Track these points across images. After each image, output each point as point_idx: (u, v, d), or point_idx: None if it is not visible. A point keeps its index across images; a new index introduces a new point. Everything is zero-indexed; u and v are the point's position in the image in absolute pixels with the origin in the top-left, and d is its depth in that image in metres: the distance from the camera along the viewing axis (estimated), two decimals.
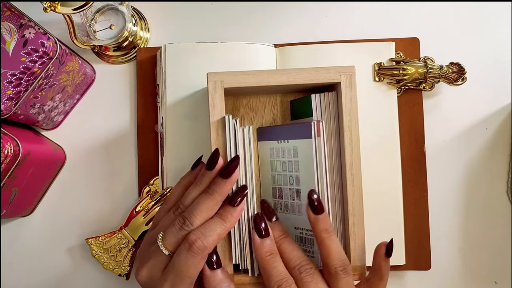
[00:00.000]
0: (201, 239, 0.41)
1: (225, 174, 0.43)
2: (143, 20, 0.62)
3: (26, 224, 0.60)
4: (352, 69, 0.47)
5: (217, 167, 0.44)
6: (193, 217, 0.42)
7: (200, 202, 0.43)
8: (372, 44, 0.59)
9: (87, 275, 0.60)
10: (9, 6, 0.49)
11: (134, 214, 0.57)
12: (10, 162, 0.48)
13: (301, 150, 0.47)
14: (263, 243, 0.44)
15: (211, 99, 0.46)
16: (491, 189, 0.60)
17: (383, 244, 0.46)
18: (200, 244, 0.41)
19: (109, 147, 0.61)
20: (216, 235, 0.42)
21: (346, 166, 0.47)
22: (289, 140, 0.49)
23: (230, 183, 0.43)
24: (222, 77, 0.46)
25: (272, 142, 0.51)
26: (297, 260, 0.44)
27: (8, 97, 0.48)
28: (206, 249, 0.41)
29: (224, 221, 0.43)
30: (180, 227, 0.42)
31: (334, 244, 0.44)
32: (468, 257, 0.60)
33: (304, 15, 0.62)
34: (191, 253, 0.41)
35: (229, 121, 0.45)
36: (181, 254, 0.41)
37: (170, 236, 0.42)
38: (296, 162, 0.48)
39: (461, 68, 0.57)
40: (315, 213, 0.44)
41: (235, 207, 0.43)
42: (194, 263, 0.41)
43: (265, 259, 0.44)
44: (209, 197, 0.43)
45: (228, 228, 0.43)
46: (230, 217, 0.43)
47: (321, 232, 0.44)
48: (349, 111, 0.47)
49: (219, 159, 0.44)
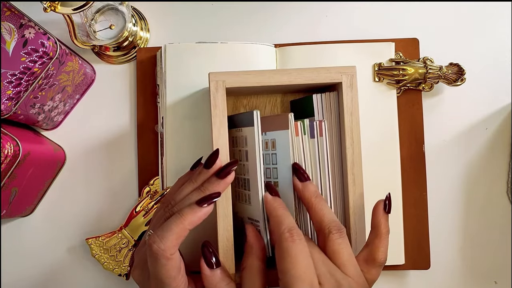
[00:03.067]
0: (157, 242, 0.39)
1: (221, 175, 0.43)
2: (143, 20, 0.62)
3: (26, 224, 0.60)
4: (353, 69, 0.47)
5: (214, 167, 0.44)
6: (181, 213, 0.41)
7: (192, 198, 0.42)
8: (372, 44, 0.59)
9: (87, 275, 0.60)
10: (9, 6, 0.49)
11: (134, 214, 0.57)
12: (10, 162, 0.48)
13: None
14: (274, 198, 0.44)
15: (213, 98, 0.46)
16: (491, 189, 0.60)
17: (381, 201, 0.45)
18: (156, 248, 0.39)
19: (109, 147, 0.61)
20: (174, 235, 0.39)
21: (348, 166, 0.47)
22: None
23: (224, 184, 0.43)
24: (224, 77, 0.46)
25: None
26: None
27: (8, 97, 0.48)
28: (166, 251, 0.39)
29: (183, 219, 0.40)
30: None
31: (326, 208, 0.43)
32: (468, 257, 0.60)
33: (304, 15, 0.62)
34: (154, 258, 0.39)
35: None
36: (149, 259, 0.40)
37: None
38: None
39: (461, 69, 0.58)
40: (301, 181, 0.45)
41: (200, 208, 0.41)
42: (160, 265, 0.39)
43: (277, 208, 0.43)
44: (201, 195, 0.42)
45: (186, 226, 0.40)
46: (191, 216, 0.40)
47: (310, 197, 0.44)
48: (350, 111, 0.47)
49: (217, 159, 0.44)
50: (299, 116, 0.52)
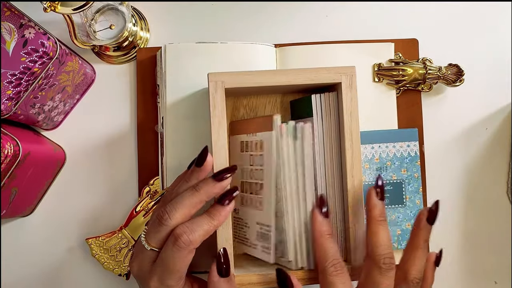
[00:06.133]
0: (187, 233, 0.41)
1: (218, 178, 0.43)
2: (143, 20, 0.62)
3: (26, 224, 0.60)
4: (352, 70, 0.47)
5: (206, 165, 0.44)
6: (174, 211, 0.42)
7: (184, 197, 0.43)
8: (371, 44, 0.59)
9: (87, 275, 0.60)
10: (9, 6, 0.49)
11: (134, 214, 0.57)
12: (10, 162, 0.48)
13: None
14: (323, 222, 0.45)
15: (212, 99, 0.46)
16: (491, 189, 0.60)
17: (434, 254, 0.47)
18: (186, 239, 0.41)
19: (109, 147, 0.61)
20: (202, 231, 0.42)
21: (347, 167, 0.47)
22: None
23: (220, 187, 0.43)
24: (223, 78, 0.46)
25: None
26: (386, 250, 0.43)
27: (8, 97, 0.48)
28: (192, 244, 0.41)
29: (212, 219, 0.43)
30: (159, 222, 0.42)
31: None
32: (468, 257, 0.60)
33: (304, 15, 0.62)
34: (177, 247, 0.41)
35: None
36: (167, 248, 0.41)
37: (151, 231, 0.43)
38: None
39: (460, 69, 0.58)
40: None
41: (224, 207, 0.43)
42: (180, 257, 0.41)
43: (324, 237, 0.44)
44: (194, 194, 0.43)
45: (216, 226, 0.43)
46: (219, 216, 0.43)
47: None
48: (349, 112, 0.47)
49: (208, 156, 0.44)
50: (299, 116, 0.52)
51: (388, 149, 0.56)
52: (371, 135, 0.56)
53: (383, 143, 0.56)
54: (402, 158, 0.56)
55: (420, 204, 0.56)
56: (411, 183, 0.56)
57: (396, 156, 0.56)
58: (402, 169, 0.56)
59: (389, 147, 0.56)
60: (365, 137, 0.56)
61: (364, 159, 0.56)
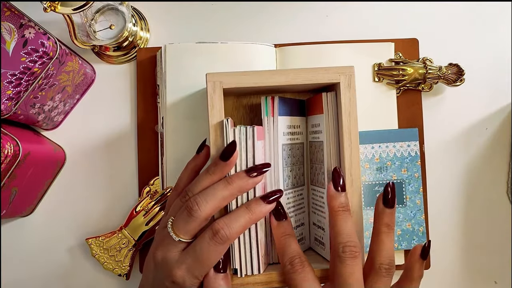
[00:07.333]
0: (225, 229, 0.41)
1: (254, 174, 0.43)
2: (143, 20, 0.62)
3: (26, 224, 0.60)
4: (351, 70, 0.47)
5: (232, 160, 0.43)
6: (205, 203, 0.41)
7: (217, 189, 0.42)
8: (371, 44, 0.59)
9: (87, 275, 0.60)
10: (9, 6, 0.49)
11: (134, 214, 0.57)
12: (10, 162, 0.48)
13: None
14: (279, 224, 0.45)
15: (210, 99, 0.46)
16: (491, 189, 0.60)
17: (419, 246, 0.45)
18: (223, 234, 0.41)
19: (109, 147, 0.61)
20: (240, 226, 0.42)
21: (345, 167, 0.46)
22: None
23: (253, 183, 0.43)
24: (221, 78, 0.46)
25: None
26: (346, 237, 0.42)
27: (8, 97, 0.48)
28: (229, 239, 0.41)
29: (251, 213, 0.42)
30: (189, 213, 0.41)
31: (389, 242, 0.43)
32: (468, 257, 0.60)
33: (304, 15, 0.62)
34: (214, 242, 0.41)
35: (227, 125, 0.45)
36: (204, 241, 0.41)
37: (179, 223, 0.42)
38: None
39: (460, 69, 0.58)
40: (385, 205, 0.44)
41: (266, 204, 0.43)
42: (216, 251, 0.41)
43: (283, 237, 0.44)
44: (227, 187, 0.42)
45: (254, 220, 0.43)
46: (259, 211, 0.43)
47: (382, 225, 0.44)
48: (348, 112, 0.47)
49: (235, 151, 0.43)
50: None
51: (388, 149, 0.56)
52: (371, 135, 0.56)
53: (383, 143, 0.56)
54: (402, 158, 0.56)
55: (421, 204, 0.56)
56: (411, 183, 0.56)
57: (396, 156, 0.56)
58: (402, 169, 0.56)
59: (389, 147, 0.56)
60: (365, 137, 0.56)
61: (364, 159, 0.56)
